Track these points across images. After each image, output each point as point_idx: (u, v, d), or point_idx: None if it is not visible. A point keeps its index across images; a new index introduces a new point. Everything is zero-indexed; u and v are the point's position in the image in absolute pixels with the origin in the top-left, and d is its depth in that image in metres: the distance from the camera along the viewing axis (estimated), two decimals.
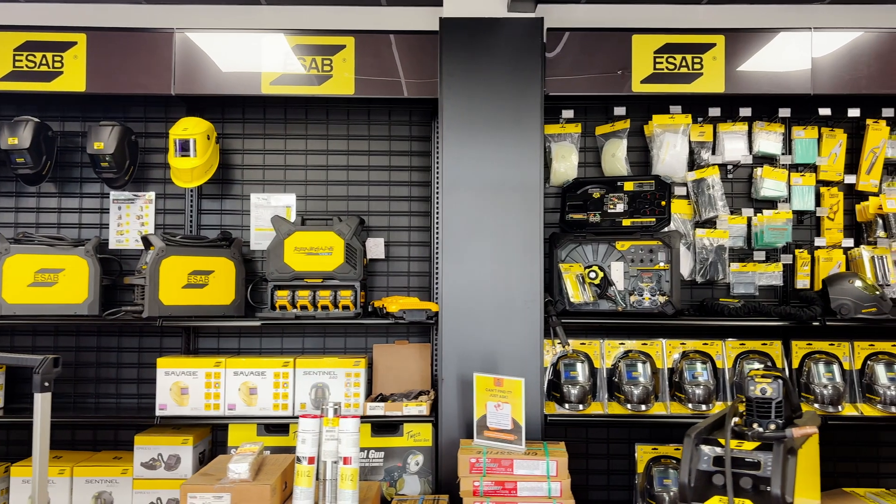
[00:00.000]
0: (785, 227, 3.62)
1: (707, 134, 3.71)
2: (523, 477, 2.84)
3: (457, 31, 3.34)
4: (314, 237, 3.41)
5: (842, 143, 3.70)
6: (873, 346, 3.46)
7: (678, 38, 3.45)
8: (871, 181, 3.67)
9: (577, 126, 3.73)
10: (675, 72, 3.45)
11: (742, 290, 3.68)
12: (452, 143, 3.32)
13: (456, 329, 3.28)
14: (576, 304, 3.41)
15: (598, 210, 3.55)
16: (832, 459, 3.71)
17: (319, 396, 3.35)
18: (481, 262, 3.29)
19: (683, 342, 3.50)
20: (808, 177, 3.69)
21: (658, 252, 3.41)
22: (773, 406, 2.14)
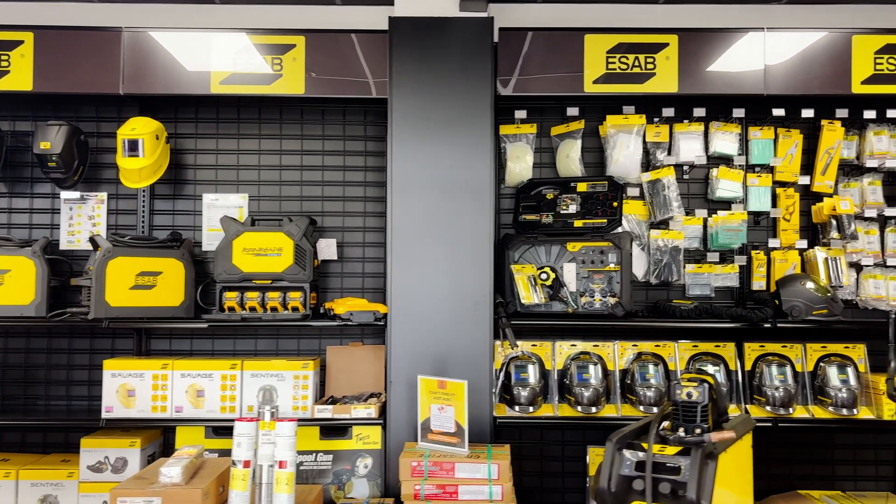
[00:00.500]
0: (740, 228, 3.60)
1: (663, 135, 3.69)
2: (465, 480, 2.82)
3: (407, 30, 3.31)
4: (263, 238, 3.38)
5: (798, 144, 3.68)
6: (826, 347, 3.44)
7: (631, 37, 3.43)
8: (825, 182, 3.65)
9: (532, 126, 3.71)
10: (628, 72, 3.43)
11: (698, 292, 3.66)
12: (402, 143, 3.29)
13: (405, 331, 3.25)
14: (527, 305, 3.39)
15: (551, 211, 3.53)
16: (788, 462, 3.70)
17: (267, 399, 3.32)
18: (431, 263, 3.26)
19: (635, 344, 3.48)
20: (764, 178, 3.67)
21: (609, 253, 3.39)
22: (699, 410, 2.11)
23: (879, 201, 3.64)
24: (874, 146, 3.61)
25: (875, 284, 3.61)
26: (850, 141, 3.68)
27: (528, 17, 3.79)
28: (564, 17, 3.79)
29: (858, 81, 3.41)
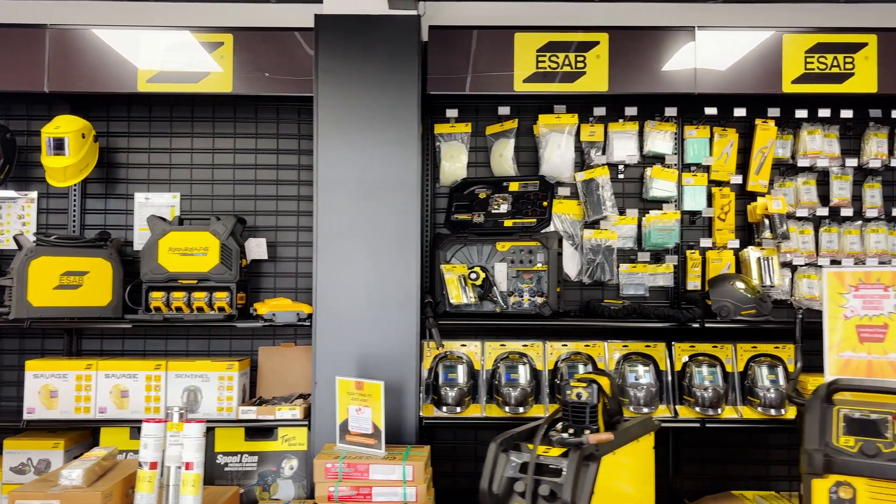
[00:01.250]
0: (672, 227, 3.58)
1: (598, 134, 3.67)
2: (379, 482, 2.79)
3: (334, 27, 3.28)
4: (189, 237, 3.34)
5: (733, 143, 3.67)
6: (756, 347, 3.43)
7: (561, 35, 3.41)
8: (759, 181, 3.63)
9: (467, 125, 3.69)
10: (558, 70, 3.41)
11: (632, 292, 3.65)
12: (328, 142, 3.26)
13: (331, 331, 3.22)
14: (457, 305, 3.36)
15: (482, 210, 3.51)
16: (722, 462, 3.68)
17: (192, 400, 3.29)
18: (358, 263, 3.23)
19: (565, 344, 3.46)
20: (699, 177, 3.65)
21: (537, 253, 3.37)
22: (588, 411, 2.09)
23: (813, 201, 3.63)
24: (807, 145, 3.60)
25: (809, 284, 3.60)
26: (784, 140, 3.67)
27: (465, 14, 3.77)
28: (502, 14, 3.77)
29: (789, 80, 3.40)
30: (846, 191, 3.61)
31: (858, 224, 3.64)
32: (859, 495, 1.59)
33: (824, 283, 1.92)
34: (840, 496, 1.59)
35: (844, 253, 3.60)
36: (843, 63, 3.40)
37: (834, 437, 1.66)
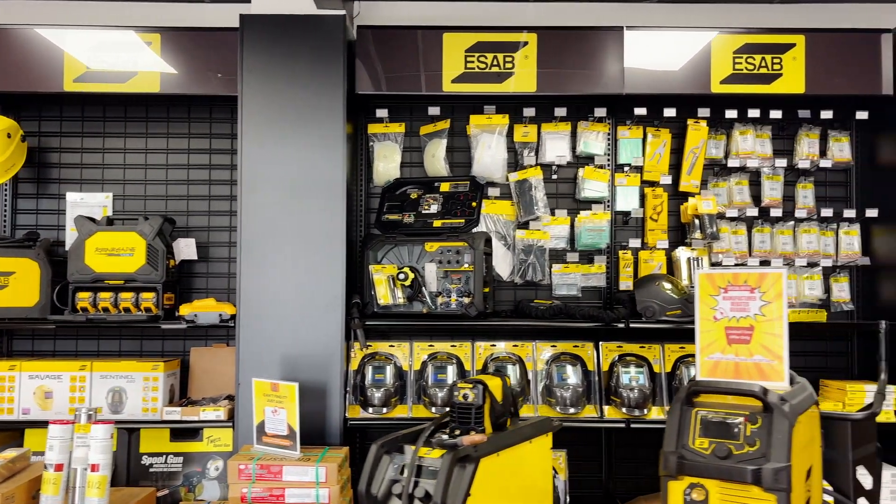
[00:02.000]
0: (602, 228, 3.58)
1: (531, 135, 3.67)
2: (292, 483, 2.78)
3: (259, 27, 3.27)
4: (115, 238, 3.33)
5: (666, 144, 3.67)
6: (684, 348, 3.43)
7: (490, 36, 3.41)
8: (691, 182, 3.64)
9: (400, 126, 3.68)
10: (487, 71, 3.41)
11: (564, 292, 3.65)
12: (253, 142, 3.25)
13: (255, 332, 3.21)
14: (385, 305, 3.35)
15: (413, 211, 3.50)
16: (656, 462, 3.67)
17: (117, 401, 3.28)
18: (283, 263, 3.22)
19: (494, 344, 3.46)
20: (632, 177, 3.65)
21: (465, 253, 3.36)
22: (473, 412, 2.09)
23: (746, 201, 3.63)
24: (739, 146, 3.61)
25: None
26: (718, 140, 3.67)
27: (400, 14, 3.77)
28: (437, 14, 3.77)
29: (718, 81, 3.40)
30: (777, 191, 3.61)
31: (791, 224, 3.64)
32: (711, 497, 1.59)
33: (696, 285, 1.91)
34: (693, 498, 1.59)
35: (777, 253, 3.61)
36: (772, 63, 3.41)
37: (691, 439, 1.66)
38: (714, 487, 1.58)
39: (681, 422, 1.71)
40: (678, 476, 1.63)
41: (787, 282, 3.50)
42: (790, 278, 3.60)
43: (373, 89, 3.41)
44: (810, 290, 3.60)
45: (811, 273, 3.62)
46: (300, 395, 3.11)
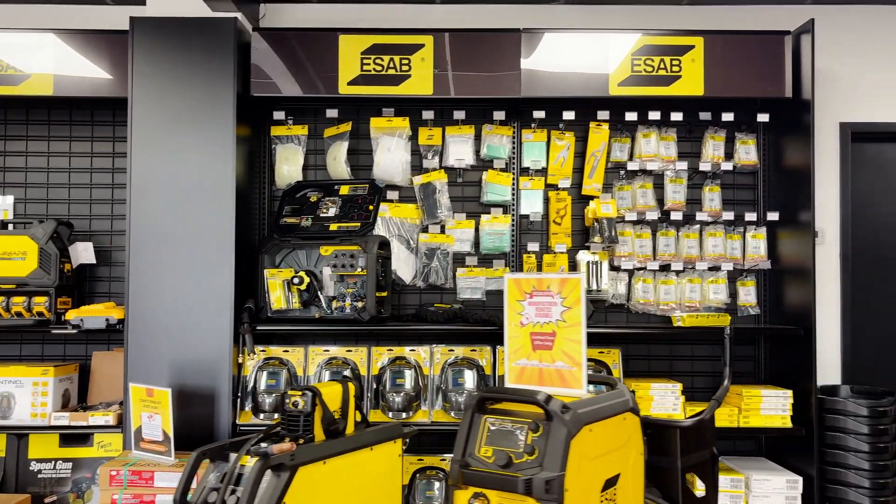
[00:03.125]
0: (503, 232, 3.56)
1: (436, 138, 3.64)
2: (163, 489, 2.76)
3: (149, 29, 3.24)
4: (7, 241, 3.31)
5: (570, 147, 3.64)
6: None
7: (386, 38, 3.39)
8: (593, 185, 3.61)
9: (303, 128, 3.65)
10: (383, 73, 3.38)
11: (468, 296, 3.62)
12: (143, 145, 3.22)
13: (145, 336, 3.18)
14: (279, 310, 3.33)
15: (311, 214, 3.47)
16: None
17: (5, 406, 3.25)
18: (173, 268, 3.19)
19: (391, 349, 3.43)
20: (537, 181, 3.63)
21: (359, 257, 3.33)
22: (302, 420, 2.06)
23: (650, 204, 3.59)
24: (642, 148, 3.58)
25: (644, 288, 3.57)
26: (622, 143, 3.64)
27: (305, 16, 3.76)
28: (345, 17, 3.75)
29: (616, 83, 3.38)
30: (680, 194, 3.58)
31: (697, 228, 3.61)
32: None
33: (505, 289, 1.89)
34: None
35: (682, 257, 3.58)
36: (671, 65, 3.38)
37: (477, 447, 1.63)
38: (495, 497, 1.55)
39: (470, 430, 1.68)
40: (462, 486, 1.60)
41: (690, 286, 3.50)
42: (693, 282, 3.57)
43: (268, 92, 3.38)
44: (714, 294, 3.57)
45: (716, 277, 3.58)
46: (188, 400, 3.11)
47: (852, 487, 3.19)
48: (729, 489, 3.25)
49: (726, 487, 3.25)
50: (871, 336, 3.79)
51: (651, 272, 3.60)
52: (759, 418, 3.31)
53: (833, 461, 3.24)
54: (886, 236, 3.81)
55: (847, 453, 3.21)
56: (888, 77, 3.76)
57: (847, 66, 3.76)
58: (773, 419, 3.31)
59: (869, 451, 3.18)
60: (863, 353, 3.78)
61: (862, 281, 3.78)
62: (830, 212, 3.75)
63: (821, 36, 3.68)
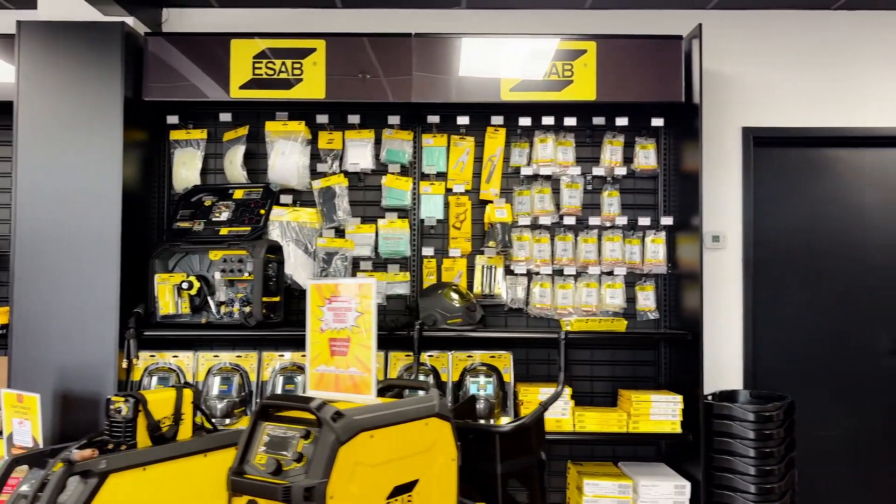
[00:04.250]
0: (400, 236, 3.54)
1: (336, 142, 3.63)
2: None
3: (38, 34, 3.23)
4: None
5: (469, 151, 3.64)
6: (472, 357, 3.39)
7: (278, 42, 3.39)
8: (491, 190, 3.60)
9: (202, 132, 3.64)
10: (275, 77, 3.38)
11: None
12: (29, 149, 3.21)
13: (29, 342, 3.16)
14: (167, 315, 3.31)
15: (204, 218, 3.46)
16: None
17: None
18: (59, 273, 3.17)
19: (282, 354, 3.41)
20: (437, 185, 3.62)
21: (248, 262, 3.31)
22: (124, 426, 2.05)
23: (548, 209, 3.59)
24: (539, 153, 3.58)
25: (541, 293, 3.56)
26: (521, 148, 3.64)
27: (206, 21, 3.75)
28: (245, 22, 3.75)
29: (508, 88, 3.37)
30: (576, 199, 3.57)
31: (595, 232, 3.61)
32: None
33: (308, 295, 1.87)
34: None
35: (579, 261, 3.58)
36: (563, 70, 3.38)
37: (254, 455, 1.62)
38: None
39: (251, 437, 1.67)
40: (236, 493, 1.58)
41: (587, 290, 3.48)
42: (590, 286, 3.56)
43: (161, 96, 3.38)
44: (611, 299, 3.56)
45: (612, 281, 3.58)
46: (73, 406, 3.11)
47: (738, 493, 3.18)
48: (617, 495, 3.24)
49: (614, 493, 3.24)
50: (773, 340, 3.78)
51: (549, 277, 3.59)
52: (648, 424, 3.30)
53: (721, 466, 3.23)
54: (789, 241, 3.81)
55: (734, 458, 3.20)
56: (791, 82, 3.77)
57: (751, 71, 3.77)
58: (664, 425, 3.30)
59: (755, 457, 3.17)
60: (765, 358, 3.77)
61: (765, 285, 3.78)
62: (733, 216, 3.75)
63: (724, 41, 3.73)
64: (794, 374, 3.77)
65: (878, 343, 3.79)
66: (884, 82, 3.78)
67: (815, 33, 3.79)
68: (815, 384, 3.78)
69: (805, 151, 3.83)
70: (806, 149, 3.83)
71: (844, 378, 3.78)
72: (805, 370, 3.78)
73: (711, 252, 3.74)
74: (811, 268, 3.81)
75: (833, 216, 3.82)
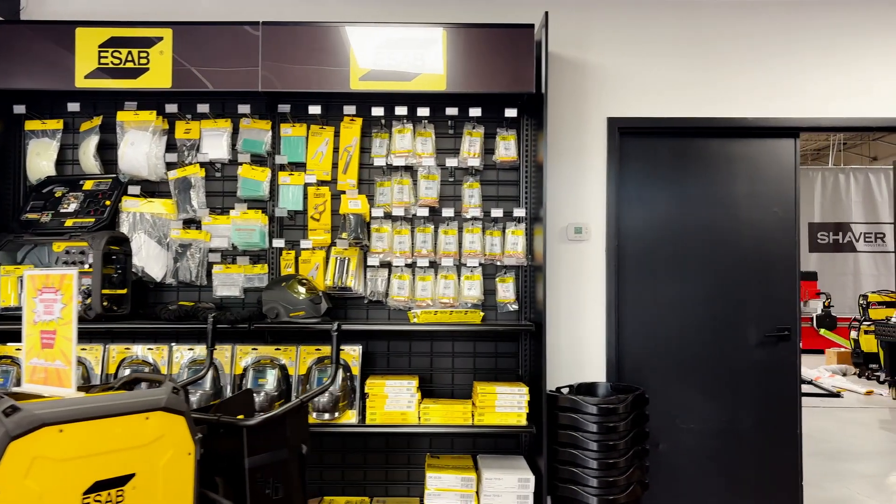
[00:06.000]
0: (253, 228, 3.50)
1: (193, 132, 3.58)
2: None
3: None
4: None
5: (328, 142, 3.60)
6: (319, 350, 3.36)
7: (124, 31, 3.33)
8: (348, 181, 3.56)
9: (58, 122, 3.58)
10: (122, 67, 3.32)
11: (226, 293, 3.56)
12: None
13: None
14: (8, 307, 3.26)
15: (53, 210, 3.41)
16: (319, 468, 3.60)
17: None
18: None
19: (128, 347, 3.38)
20: (296, 176, 3.57)
21: (89, 254, 3.27)
22: None
23: (407, 201, 3.55)
24: (397, 144, 3.53)
25: (399, 285, 3.53)
26: (382, 139, 3.60)
27: (67, 9, 3.68)
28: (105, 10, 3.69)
29: (357, 78, 3.32)
30: (433, 190, 3.54)
31: (455, 224, 3.57)
32: None
33: (24, 286, 1.83)
34: None
35: (440, 253, 3.54)
36: (414, 59, 3.33)
37: None
38: None
39: None
40: None
41: (444, 282, 3.44)
42: (448, 278, 3.53)
43: (4, 84, 3.32)
44: (469, 291, 3.53)
45: (471, 273, 3.55)
46: None
47: (580, 486, 3.16)
48: (460, 488, 3.22)
49: (456, 486, 3.22)
50: (641, 333, 3.76)
51: (410, 269, 3.56)
52: (494, 416, 3.27)
53: (565, 460, 3.21)
54: (658, 232, 3.78)
55: (577, 451, 3.18)
56: (659, 72, 3.74)
57: (618, 61, 3.74)
58: (510, 417, 3.28)
59: (597, 450, 3.15)
60: (633, 351, 3.75)
61: (632, 277, 3.76)
62: (597, 208, 3.72)
63: (591, 30, 3.71)
64: (662, 367, 3.75)
65: (747, 335, 3.78)
66: (752, 72, 3.75)
67: (685, 22, 3.76)
68: (684, 376, 3.76)
69: (673, 142, 3.80)
70: (674, 139, 3.80)
71: (713, 370, 3.77)
72: (673, 362, 3.76)
73: (575, 244, 3.71)
74: (680, 259, 3.78)
75: (703, 207, 3.79)
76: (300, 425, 2.19)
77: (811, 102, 3.76)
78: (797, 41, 3.76)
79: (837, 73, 3.75)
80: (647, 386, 3.67)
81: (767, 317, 3.77)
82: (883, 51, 3.76)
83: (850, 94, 3.75)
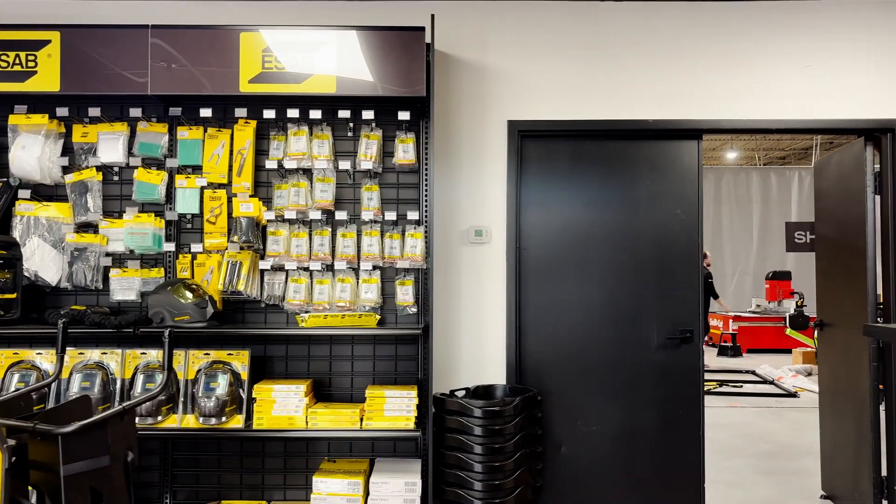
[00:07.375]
0: (146, 231, 3.48)
1: (91, 135, 3.57)
2: None
3: None
4: None
5: (225, 144, 3.58)
6: (209, 354, 3.35)
7: (10, 34, 3.31)
8: (243, 183, 3.55)
9: None
10: (9, 70, 3.30)
11: (123, 297, 3.55)
12: None
13: None
14: None
15: None
16: (217, 472, 3.59)
17: None
18: None
19: (17, 352, 3.36)
20: (192, 179, 3.56)
21: None
22: None
23: (303, 204, 3.53)
24: (292, 146, 3.52)
25: (296, 289, 3.51)
26: (279, 141, 3.59)
27: None
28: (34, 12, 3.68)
29: (247, 80, 3.31)
30: (328, 193, 3.53)
31: (354, 227, 3.56)
32: None
33: None
34: None
35: (338, 256, 3.53)
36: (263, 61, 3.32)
37: None
38: None
39: None
40: None
41: (341, 286, 3.43)
42: (345, 282, 3.51)
43: None
44: (366, 294, 3.52)
45: (369, 276, 3.54)
46: None
47: (465, 489, 3.16)
48: (346, 492, 3.21)
49: (343, 491, 3.21)
50: (542, 336, 3.76)
51: (307, 272, 3.54)
52: (383, 420, 3.26)
53: (452, 463, 3.20)
54: (560, 234, 3.78)
55: (462, 454, 3.17)
56: (560, 75, 3.74)
57: (518, 64, 3.73)
58: (399, 420, 3.26)
59: (482, 453, 3.14)
60: (535, 353, 3.75)
61: (534, 280, 3.75)
62: (498, 211, 3.72)
63: (490, 33, 3.70)
64: (564, 369, 3.75)
65: (650, 337, 3.77)
66: (654, 74, 3.75)
67: (586, 24, 3.76)
68: (586, 379, 3.76)
69: (575, 144, 3.80)
70: (575, 141, 3.80)
71: (615, 372, 3.76)
72: (575, 365, 3.76)
73: (477, 246, 3.71)
74: (582, 261, 3.78)
75: (605, 209, 3.79)
76: (125, 431, 2.17)
77: (714, 104, 3.76)
78: (701, 44, 3.76)
79: (739, 76, 3.75)
80: (549, 388, 3.67)
81: (670, 319, 3.77)
82: (783, 51, 3.76)
83: (752, 95, 3.75)
